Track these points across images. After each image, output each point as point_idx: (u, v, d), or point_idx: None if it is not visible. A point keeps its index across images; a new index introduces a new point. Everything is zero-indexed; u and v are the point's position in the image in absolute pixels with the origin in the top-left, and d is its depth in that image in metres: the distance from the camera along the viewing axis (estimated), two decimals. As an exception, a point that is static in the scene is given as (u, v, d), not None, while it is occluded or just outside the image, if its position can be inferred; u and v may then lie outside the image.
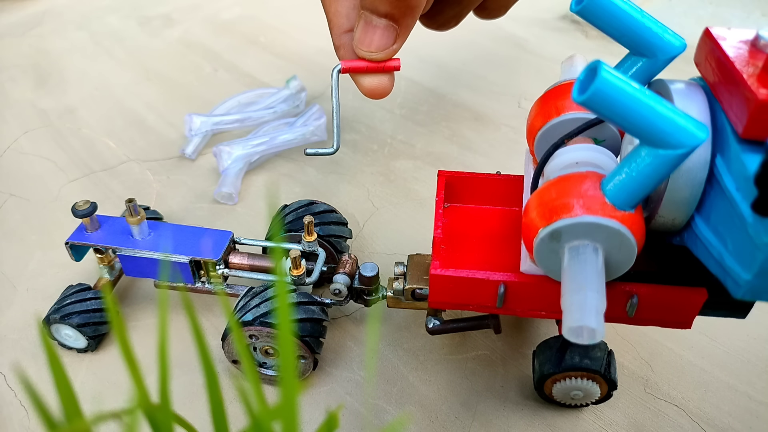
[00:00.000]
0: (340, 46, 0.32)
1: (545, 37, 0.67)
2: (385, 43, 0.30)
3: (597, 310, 0.20)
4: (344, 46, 0.32)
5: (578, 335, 0.20)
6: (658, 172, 0.20)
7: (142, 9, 0.78)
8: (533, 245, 0.24)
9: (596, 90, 0.19)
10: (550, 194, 0.23)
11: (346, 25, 0.32)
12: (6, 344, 0.37)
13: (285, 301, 0.16)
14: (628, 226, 0.22)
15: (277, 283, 0.15)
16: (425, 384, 0.35)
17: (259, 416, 0.17)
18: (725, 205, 0.21)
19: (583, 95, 0.19)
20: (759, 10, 0.69)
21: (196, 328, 0.17)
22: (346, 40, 0.32)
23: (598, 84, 0.19)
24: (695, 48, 0.24)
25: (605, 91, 0.19)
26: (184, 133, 0.54)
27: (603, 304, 0.20)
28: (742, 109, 0.20)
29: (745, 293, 0.21)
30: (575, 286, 0.21)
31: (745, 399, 0.34)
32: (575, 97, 0.19)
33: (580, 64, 0.30)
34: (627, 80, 0.19)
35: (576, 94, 0.20)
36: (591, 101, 0.19)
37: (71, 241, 0.36)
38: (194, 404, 0.34)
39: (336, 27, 0.32)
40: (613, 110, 0.19)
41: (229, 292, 0.37)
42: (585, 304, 0.20)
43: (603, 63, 0.19)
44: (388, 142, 0.53)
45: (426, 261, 0.34)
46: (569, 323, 0.20)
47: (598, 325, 0.20)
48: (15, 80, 0.64)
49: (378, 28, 0.30)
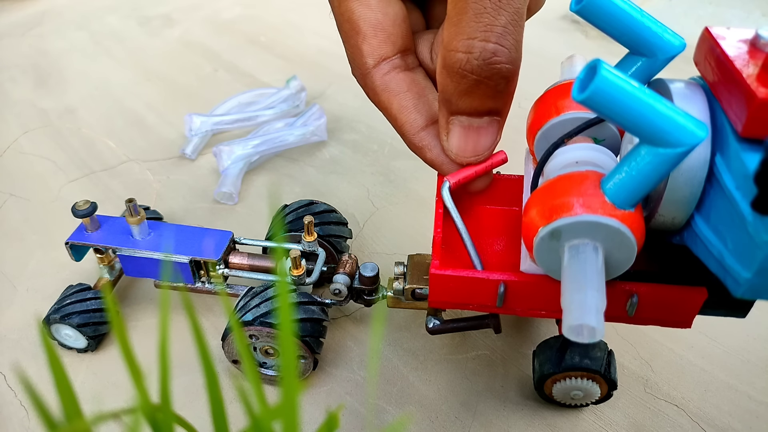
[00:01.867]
0: (422, 147, 0.28)
1: (545, 37, 0.67)
2: (492, 141, 0.27)
3: (597, 308, 0.20)
4: (429, 147, 0.28)
5: (578, 334, 0.20)
6: (657, 171, 0.20)
7: (141, 9, 0.78)
8: (533, 244, 0.24)
9: (596, 88, 0.19)
10: (550, 193, 0.23)
11: (421, 121, 0.28)
12: (6, 344, 0.37)
13: (286, 301, 0.16)
14: (627, 225, 0.22)
15: (278, 284, 0.15)
16: (425, 384, 0.35)
17: (260, 416, 0.17)
18: (725, 203, 0.21)
19: (582, 94, 0.19)
20: (759, 9, 0.69)
21: (196, 328, 0.17)
22: (428, 139, 0.28)
23: (598, 82, 0.19)
24: (695, 47, 0.24)
25: (605, 89, 0.19)
26: (184, 133, 0.54)
27: (603, 302, 0.20)
28: (742, 108, 0.20)
29: (745, 292, 0.21)
30: (575, 285, 0.21)
31: (745, 399, 0.34)
32: (575, 96, 0.19)
33: (579, 64, 0.30)
34: (627, 79, 0.19)
35: (576, 92, 0.19)
36: (591, 99, 0.19)
37: (71, 241, 0.36)
38: (194, 404, 0.34)
39: (409, 125, 0.28)
40: (613, 109, 0.19)
41: (229, 292, 0.37)
42: (585, 302, 0.20)
43: (603, 61, 0.19)
44: (388, 142, 0.53)
45: (426, 261, 0.34)
46: (569, 322, 0.20)
47: (598, 323, 0.20)
48: (15, 80, 0.64)
49: (481, 128, 0.26)
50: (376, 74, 0.28)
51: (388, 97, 0.28)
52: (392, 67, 0.28)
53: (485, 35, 0.23)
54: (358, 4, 0.27)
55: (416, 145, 0.28)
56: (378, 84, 0.28)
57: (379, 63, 0.28)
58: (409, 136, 0.28)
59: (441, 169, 0.29)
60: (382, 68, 0.28)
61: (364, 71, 0.28)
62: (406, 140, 0.29)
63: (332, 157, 0.52)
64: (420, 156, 0.29)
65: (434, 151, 0.28)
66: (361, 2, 0.27)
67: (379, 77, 0.28)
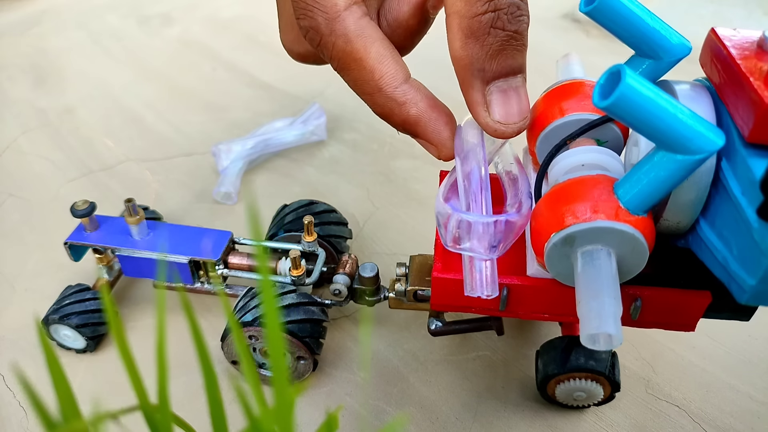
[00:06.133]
0: (405, 102, 0.25)
1: (546, 36, 0.67)
2: (528, 101, 0.25)
3: (615, 316, 0.20)
4: (413, 101, 0.25)
5: (597, 342, 0.20)
6: (673, 177, 0.20)
7: (141, 8, 0.77)
8: (544, 250, 0.23)
9: (621, 95, 0.18)
10: (562, 198, 0.23)
11: (402, 73, 0.25)
12: (5, 345, 0.37)
13: (272, 302, 0.15)
14: (641, 231, 0.22)
15: (262, 283, 0.15)
16: (426, 385, 0.35)
17: (259, 417, 0.16)
18: (730, 209, 0.21)
19: (606, 100, 0.19)
20: (761, 9, 0.69)
21: (195, 329, 0.16)
22: (412, 93, 0.25)
23: (623, 89, 0.18)
24: (698, 47, 0.24)
25: (629, 96, 0.18)
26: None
27: (620, 309, 0.21)
28: (749, 113, 0.19)
29: (750, 298, 0.21)
30: (591, 293, 0.21)
31: (747, 400, 0.34)
32: (596, 102, 0.19)
33: (576, 63, 0.30)
34: (650, 86, 0.19)
35: (597, 98, 0.19)
36: (615, 106, 0.19)
37: (70, 241, 0.36)
38: (194, 405, 0.34)
39: (390, 77, 0.25)
40: (636, 116, 0.19)
41: (229, 292, 0.36)
42: (603, 310, 0.20)
43: (626, 67, 0.19)
44: (389, 141, 0.53)
45: (428, 262, 0.33)
46: (588, 330, 0.20)
47: (616, 331, 0.20)
48: (14, 80, 0.64)
49: (519, 88, 0.25)
50: (349, 18, 0.24)
51: (365, 44, 0.25)
52: (363, 13, 0.25)
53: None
54: None
55: (398, 100, 0.25)
56: (352, 29, 0.24)
57: (350, 5, 0.25)
58: (390, 91, 0.25)
59: (425, 127, 0.26)
60: (354, 11, 0.25)
61: (333, 15, 0.24)
62: (384, 96, 0.25)
63: (332, 157, 0.52)
64: (399, 115, 0.25)
65: (420, 105, 0.25)
66: None
67: (353, 21, 0.25)
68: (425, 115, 0.25)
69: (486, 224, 0.23)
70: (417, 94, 0.25)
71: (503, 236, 0.23)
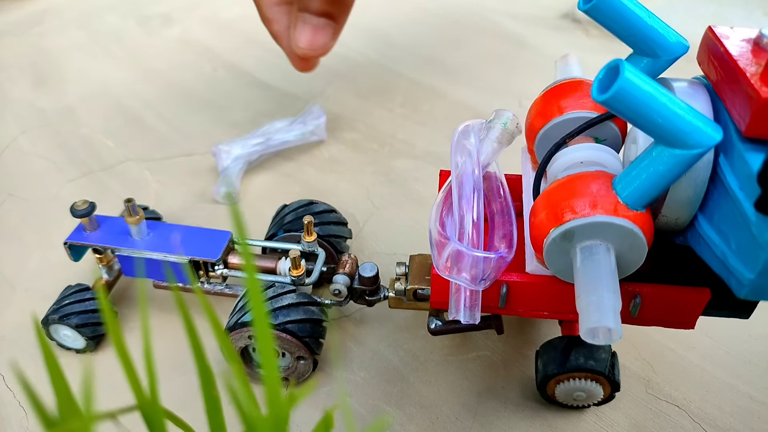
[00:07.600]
0: (270, 19, 0.31)
1: (546, 35, 0.67)
2: (326, 41, 0.32)
3: (614, 310, 0.20)
4: (276, 20, 0.31)
5: (596, 336, 0.20)
6: (672, 172, 0.20)
7: (141, 8, 0.77)
8: (543, 246, 0.24)
9: (619, 89, 0.18)
10: (561, 194, 0.23)
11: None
12: (5, 344, 0.37)
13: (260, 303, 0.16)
14: (639, 226, 0.22)
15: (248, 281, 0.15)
16: (426, 385, 0.35)
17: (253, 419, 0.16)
18: (728, 204, 0.21)
19: (604, 95, 0.19)
20: (760, 9, 0.69)
21: (190, 328, 0.17)
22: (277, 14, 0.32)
23: (621, 83, 0.18)
24: (697, 46, 0.24)
25: (628, 90, 0.19)
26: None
27: (619, 303, 0.21)
28: (745, 108, 0.19)
29: (749, 293, 0.21)
30: (591, 287, 0.21)
31: (747, 400, 0.34)
32: (595, 96, 0.19)
33: (574, 64, 0.30)
34: (649, 80, 0.19)
35: (596, 93, 0.19)
36: (613, 101, 0.19)
37: (70, 241, 0.36)
38: (193, 405, 0.34)
39: None
40: (635, 110, 0.19)
41: (229, 292, 0.36)
42: (602, 304, 0.20)
43: (625, 62, 0.19)
44: (388, 141, 0.53)
45: (428, 261, 0.33)
46: (588, 324, 0.20)
47: (616, 325, 0.20)
48: (14, 79, 0.64)
49: (318, 27, 0.31)
50: None
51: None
52: None
53: None
54: None
55: (266, 16, 0.31)
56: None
57: None
58: (264, 8, 0.31)
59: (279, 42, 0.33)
60: None
61: None
62: (261, 13, 0.31)
63: (332, 157, 0.52)
64: (269, 30, 0.31)
65: (281, 23, 0.31)
66: None
67: None
68: (282, 32, 0.32)
69: (481, 258, 0.25)
70: (282, 17, 0.32)
71: (494, 272, 0.26)
